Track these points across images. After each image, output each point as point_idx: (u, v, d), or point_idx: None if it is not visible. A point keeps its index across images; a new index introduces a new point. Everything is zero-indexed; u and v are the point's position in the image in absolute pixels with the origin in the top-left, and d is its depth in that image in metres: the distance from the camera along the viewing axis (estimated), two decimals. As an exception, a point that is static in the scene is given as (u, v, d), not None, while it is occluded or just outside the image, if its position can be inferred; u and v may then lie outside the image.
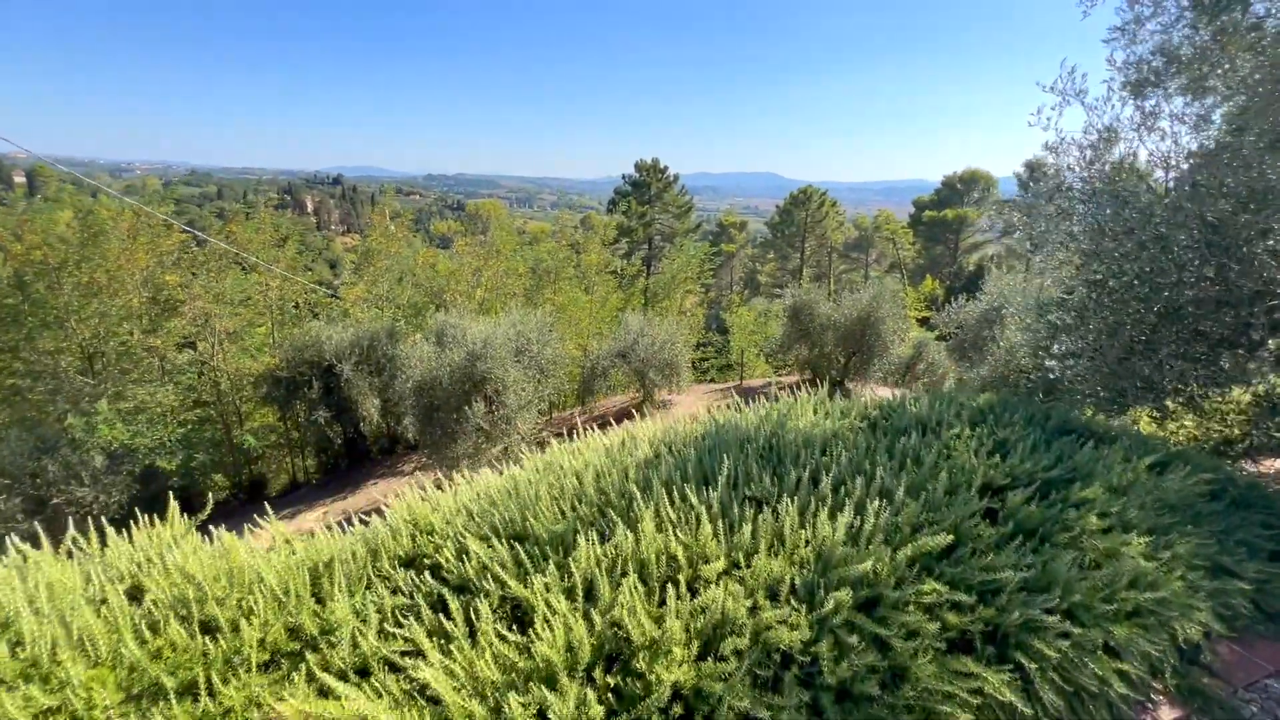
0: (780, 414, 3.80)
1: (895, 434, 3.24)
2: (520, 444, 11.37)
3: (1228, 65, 2.91)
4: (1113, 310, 3.52)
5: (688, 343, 17.23)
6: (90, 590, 2.52)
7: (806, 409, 3.94)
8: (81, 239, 13.55)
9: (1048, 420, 3.47)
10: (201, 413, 14.88)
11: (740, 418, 3.94)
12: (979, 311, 12.89)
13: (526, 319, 12.60)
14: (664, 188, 33.06)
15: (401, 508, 3.22)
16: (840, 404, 4.11)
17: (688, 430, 3.89)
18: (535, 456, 3.93)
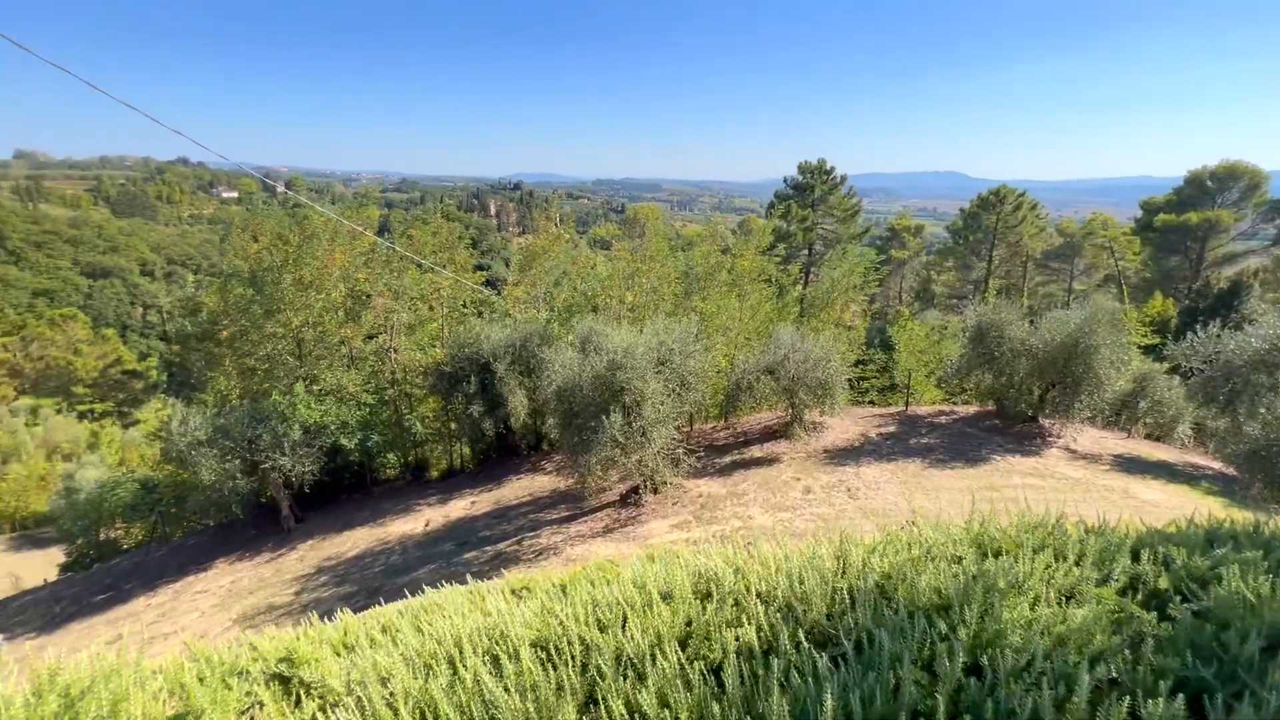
0: (986, 579, 2.12)
1: (1216, 660, 1.72)
2: (656, 457, 10.93)
3: None
4: None
5: (845, 360, 15.63)
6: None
7: (1033, 570, 2.18)
8: (299, 240, 15.66)
9: None
10: (378, 398, 16.49)
11: (914, 579, 2.21)
12: (1250, 350, 9.88)
13: (670, 329, 12.11)
14: (829, 189, 30.90)
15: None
16: (1085, 543, 2.40)
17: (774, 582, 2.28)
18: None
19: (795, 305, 20.72)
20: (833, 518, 9.80)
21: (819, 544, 2.55)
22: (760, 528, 9.70)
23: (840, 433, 14.45)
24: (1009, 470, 11.64)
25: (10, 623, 14.16)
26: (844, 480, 11.45)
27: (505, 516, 12.64)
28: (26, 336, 54.17)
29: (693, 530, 10.05)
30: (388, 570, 11.07)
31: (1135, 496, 10.30)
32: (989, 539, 2.40)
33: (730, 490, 11.65)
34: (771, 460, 13.05)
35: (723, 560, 2.59)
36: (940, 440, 13.60)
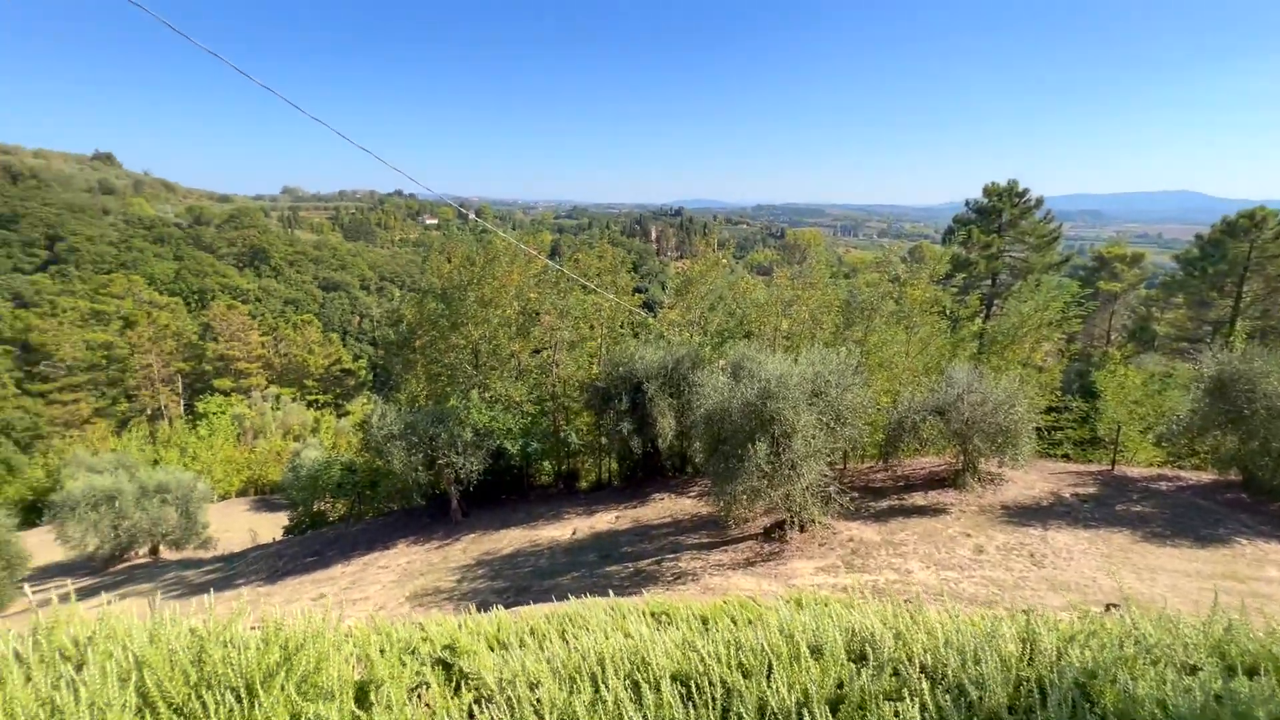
0: (1236, 703, 1.62)
1: None
2: (805, 493, 10.42)
3: None
4: None
5: (1034, 405, 13.72)
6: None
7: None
8: (485, 261, 17.52)
9: None
10: (539, 408, 17.72)
11: (1126, 685, 1.68)
12: None
13: (827, 359, 11.55)
14: (1020, 213, 27.62)
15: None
16: None
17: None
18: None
19: (973, 341, 18.71)
20: (1010, 585, 8.59)
21: (999, 619, 2.17)
22: (921, 585, 8.79)
23: (1023, 488, 12.69)
24: (1261, 560, 9.36)
25: (248, 570, 17.27)
26: (1026, 543, 10.01)
27: (647, 535, 12.82)
28: (277, 336, 66.76)
29: (841, 576, 9.39)
30: (536, 572, 11.74)
31: None
32: (1239, 650, 1.87)
33: (886, 538, 10.73)
34: (936, 510, 11.82)
35: (880, 620, 2.33)
36: (1159, 510, 11.36)
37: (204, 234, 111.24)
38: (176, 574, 18.12)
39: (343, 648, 2.33)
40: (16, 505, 27.53)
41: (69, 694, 1.84)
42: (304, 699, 1.93)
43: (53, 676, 1.99)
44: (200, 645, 2.07)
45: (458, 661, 2.43)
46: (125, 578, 19.03)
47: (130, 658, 2.03)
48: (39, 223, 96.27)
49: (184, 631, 2.19)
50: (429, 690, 2.30)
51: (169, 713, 1.86)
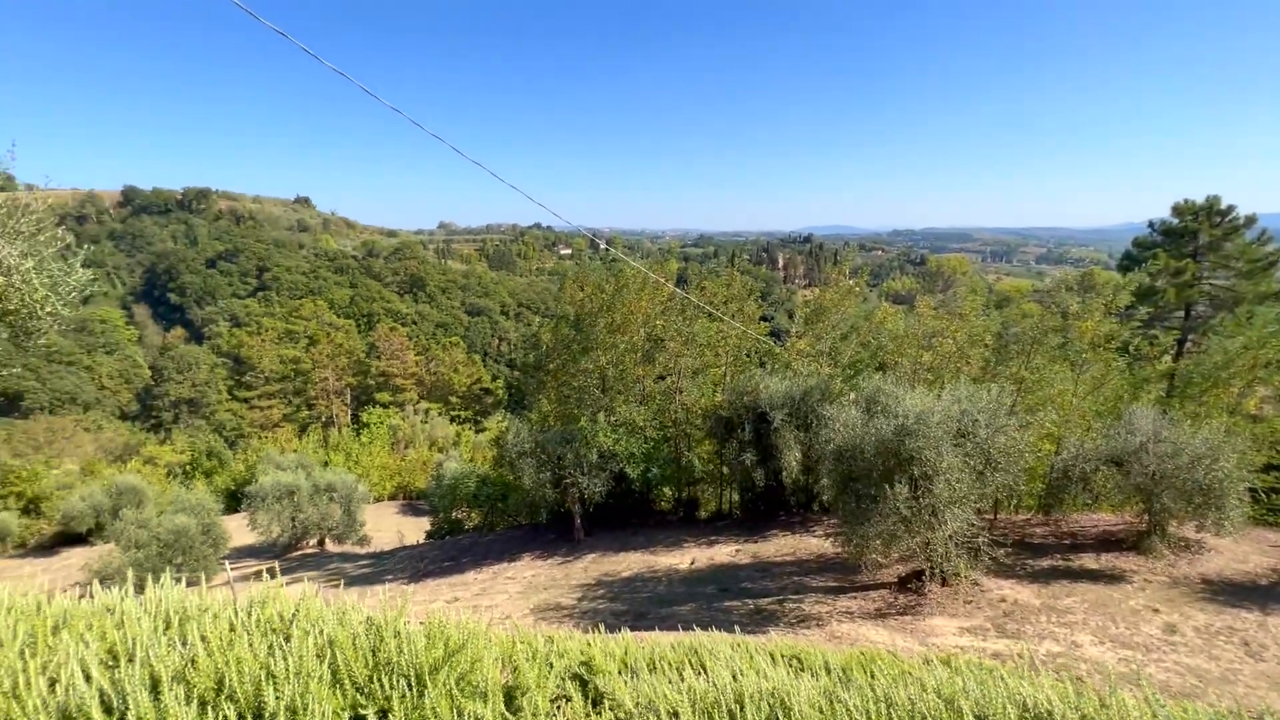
0: None
1: None
2: (948, 543, 9.52)
3: None
4: None
5: (1246, 461, 11.50)
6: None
7: None
8: (614, 289, 18.23)
9: None
10: (662, 434, 17.89)
11: None
12: None
13: (976, 396, 10.57)
14: (1224, 235, 23.63)
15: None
16: None
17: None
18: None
19: (1160, 382, 16.19)
20: (1215, 678, 7.20)
21: (1223, 717, 1.78)
22: (1092, 662, 7.63)
23: (1234, 559, 10.65)
24: None
25: (395, 566, 19.02)
26: (1238, 628, 8.36)
27: (768, 572, 12.38)
28: (429, 356, 74.01)
29: (990, 640, 8.42)
30: (654, 598, 11.75)
31: None
32: None
33: (1047, 602, 9.48)
34: (1113, 577, 10.26)
35: (1059, 698, 2.03)
36: None
37: (374, 264, 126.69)
38: (337, 565, 20.42)
39: (492, 650, 2.51)
40: (223, 493, 32.66)
41: (281, 661, 2.18)
42: (463, 695, 2.12)
43: (267, 644, 2.36)
44: (378, 634, 2.35)
45: (593, 679, 2.51)
46: (298, 564, 21.76)
47: (324, 637, 2.36)
48: (253, 256, 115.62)
49: (363, 619, 2.50)
50: (569, 704, 2.40)
51: (353, 690, 2.13)
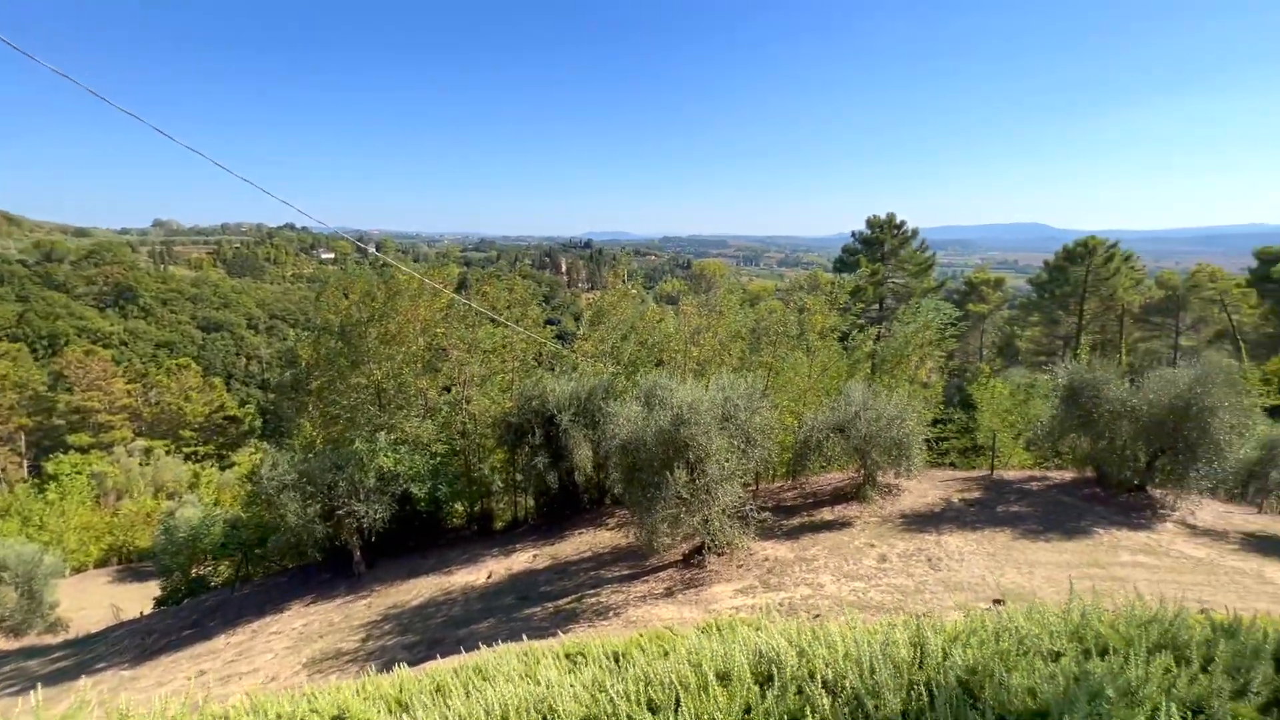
0: (1091, 683, 1.78)
1: None
2: (722, 516, 10.61)
3: None
4: None
5: (922, 419, 14.84)
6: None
7: (1150, 676, 1.86)
8: (386, 296, 16.77)
9: None
10: (450, 447, 16.99)
11: (1003, 678, 1.84)
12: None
13: (735, 384, 11.97)
14: (899, 244, 30.27)
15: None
16: (1211, 643, 1.94)
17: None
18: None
19: (866, 362, 20.06)
20: (912, 590, 9.11)
21: (894, 627, 2.28)
22: (831, 597, 9.13)
23: (918, 496, 13.59)
24: (1115, 546, 10.53)
25: (109, 652, 15.09)
26: (924, 549, 10.69)
27: (566, 572, 12.51)
28: (148, 384, 60.12)
29: (758, 596, 9.58)
30: (449, 622, 11.11)
31: (1273, 582, 9.02)
32: (1093, 633, 2.10)
33: (799, 555, 11.09)
34: (843, 524, 12.39)
35: (785, 639, 2.38)
36: (1032, 508, 12.53)
37: (55, 271, 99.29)
38: (16, 665, 15.53)
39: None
40: None
41: None
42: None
43: None
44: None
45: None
46: (-55, 677, 16.07)
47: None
48: None
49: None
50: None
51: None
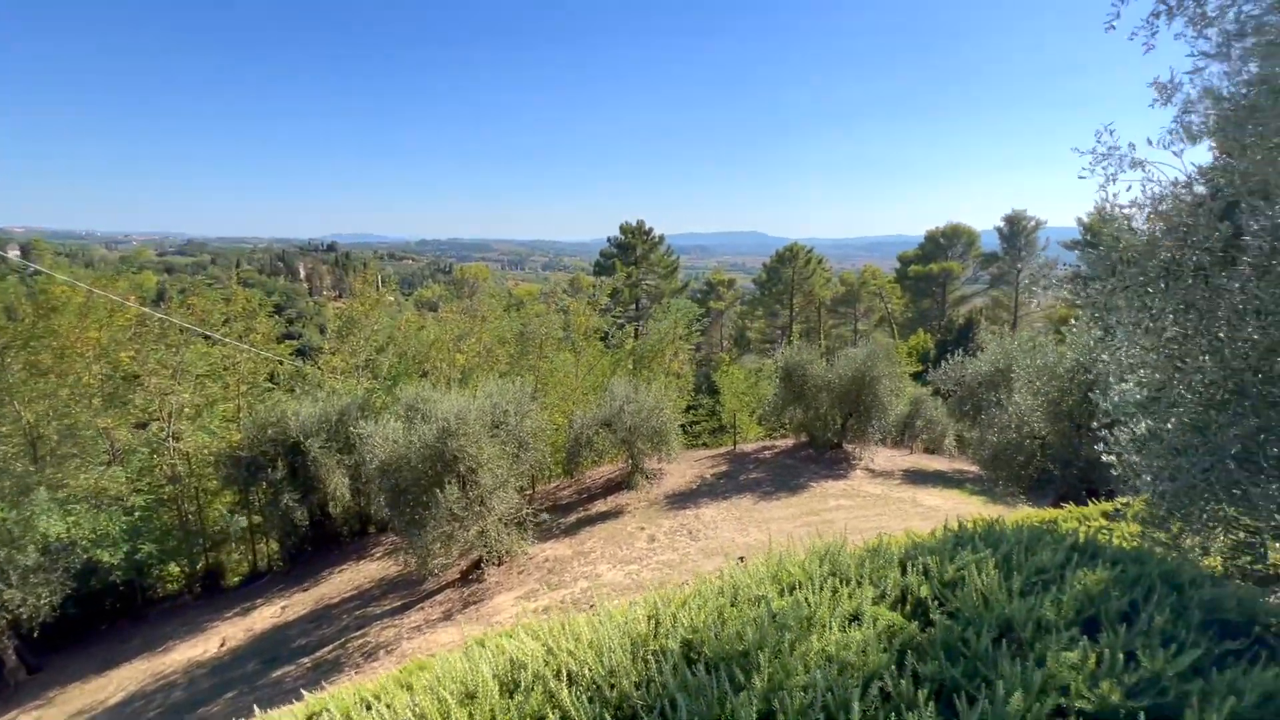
0: (782, 618, 2.24)
1: (961, 658, 1.99)
2: (498, 525, 10.42)
3: None
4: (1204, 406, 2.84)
5: (677, 407, 16.46)
6: None
7: (822, 600, 2.37)
8: (37, 315, 12.84)
9: (1179, 595, 2.30)
10: (152, 497, 13.77)
11: (718, 630, 2.22)
12: (982, 371, 12.27)
13: (504, 389, 11.86)
14: (649, 249, 33.09)
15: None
16: (864, 563, 2.74)
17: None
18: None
19: (628, 358, 21.51)
20: (677, 563, 10.05)
21: (635, 604, 2.52)
22: (609, 585, 9.62)
23: (679, 477, 15.03)
24: (824, 494, 12.94)
25: None
26: (685, 524, 11.86)
27: (326, 618, 11.09)
28: None
29: (541, 598, 9.65)
30: (168, 710, 9.05)
31: (921, 503, 12.00)
32: (786, 574, 2.61)
33: (577, 550, 11.45)
34: (617, 513, 13.13)
35: (534, 641, 2.45)
36: (766, 474, 14.75)
37: None
38: None
39: None
40: None
41: None
42: None
43: None
44: None
45: None
46: None
47: None
48: None
49: None
50: None
51: None
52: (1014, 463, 9.49)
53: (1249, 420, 2.76)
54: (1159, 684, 1.82)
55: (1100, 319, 3.36)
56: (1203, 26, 2.85)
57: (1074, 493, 8.18)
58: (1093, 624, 2.16)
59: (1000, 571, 2.43)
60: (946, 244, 45.15)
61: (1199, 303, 2.97)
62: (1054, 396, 8.96)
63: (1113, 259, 3.16)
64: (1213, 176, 3.06)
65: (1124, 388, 3.37)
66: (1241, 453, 2.74)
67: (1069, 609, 2.18)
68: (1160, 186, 3.04)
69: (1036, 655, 1.90)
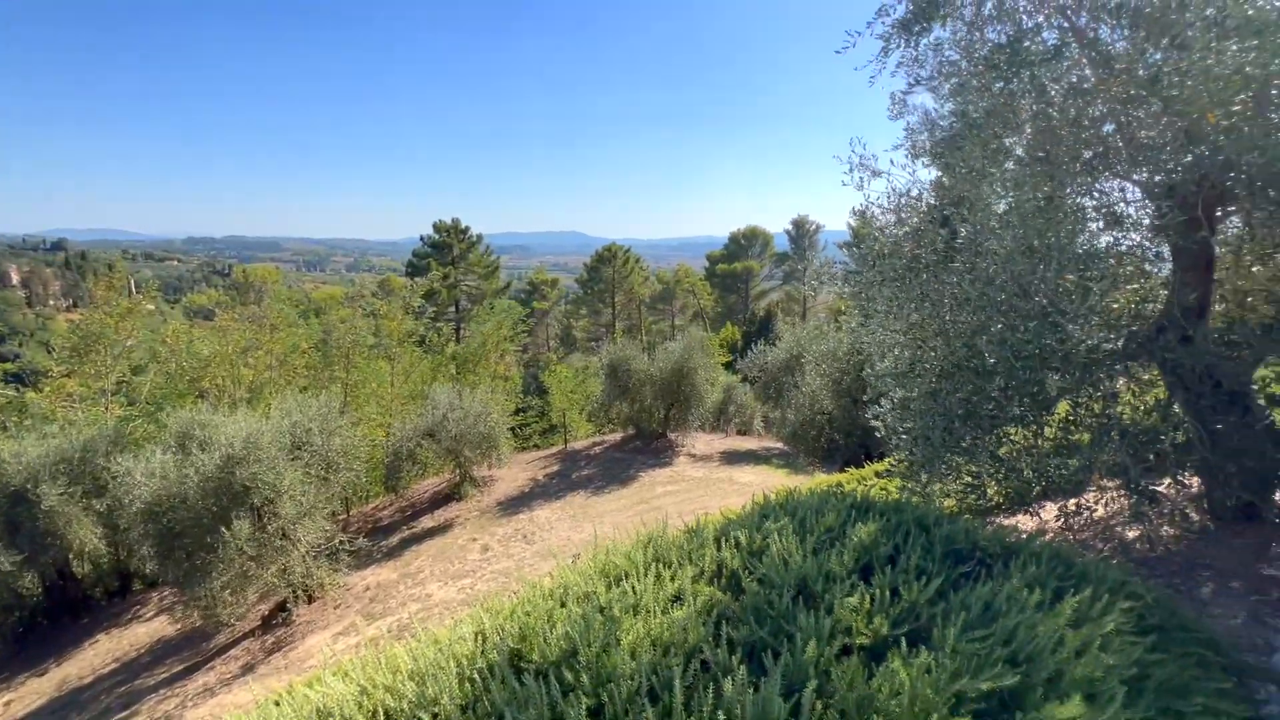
0: (609, 611, 2.31)
1: (768, 619, 2.20)
2: (305, 560, 9.29)
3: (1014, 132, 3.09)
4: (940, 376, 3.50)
5: (505, 410, 16.08)
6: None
7: (646, 586, 2.50)
8: None
9: (927, 534, 2.78)
10: None
11: (547, 634, 2.22)
12: (780, 359, 13.79)
13: (306, 405, 10.60)
14: (467, 248, 31.84)
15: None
16: (684, 544, 2.93)
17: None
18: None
19: (450, 363, 20.50)
20: (513, 570, 9.84)
21: (461, 622, 2.39)
22: (442, 604, 9.10)
23: (511, 482, 14.72)
24: (653, 483, 13.58)
25: None
26: (520, 529, 11.65)
27: (76, 704, 8.99)
28: None
29: (364, 631, 8.82)
30: None
31: (737, 481, 13.15)
32: (613, 566, 2.71)
33: (403, 572, 10.66)
34: (446, 526, 12.46)
35: (345, 682, 2.21)
36: (598, 469, 15.06)
37: None
38: None
39: None
40: None
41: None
42: None
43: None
44: None
45: None
46: None
47: None
48: None
49: None
50: None
51: None
52: (809, 437, 10.84)
53: (967, 387, 3.48)
54: (915, 611, 2.24)
55: (863, 308, 4.02)
56: (915, 67, 3.50)
57: (855, 458, 9.60)
58: (868, 570, 2.57)
59: (797, 536, 2.77)
60: (747, 244, 49.89)
61: (931, 294, 3.67)
62: (836, 376, 10.39)
63: (870, 257, 3.75)
64: (935, 190, 3.80)
65: (882, 365, 4.04)
66: (964, 413, 3.46)
67: (850, 560, 2.57)
68: (898, 196, 3.69)
69: (826, 605, 2.21)
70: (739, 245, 50.00)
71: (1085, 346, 3.61)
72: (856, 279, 3.88)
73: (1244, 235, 3.78)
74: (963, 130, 3.22)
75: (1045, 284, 3.33)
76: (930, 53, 3.79)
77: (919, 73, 3.54)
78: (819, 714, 1.72)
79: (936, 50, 3.79)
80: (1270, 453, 3.43)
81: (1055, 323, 3.35)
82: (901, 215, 3.75)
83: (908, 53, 3.76)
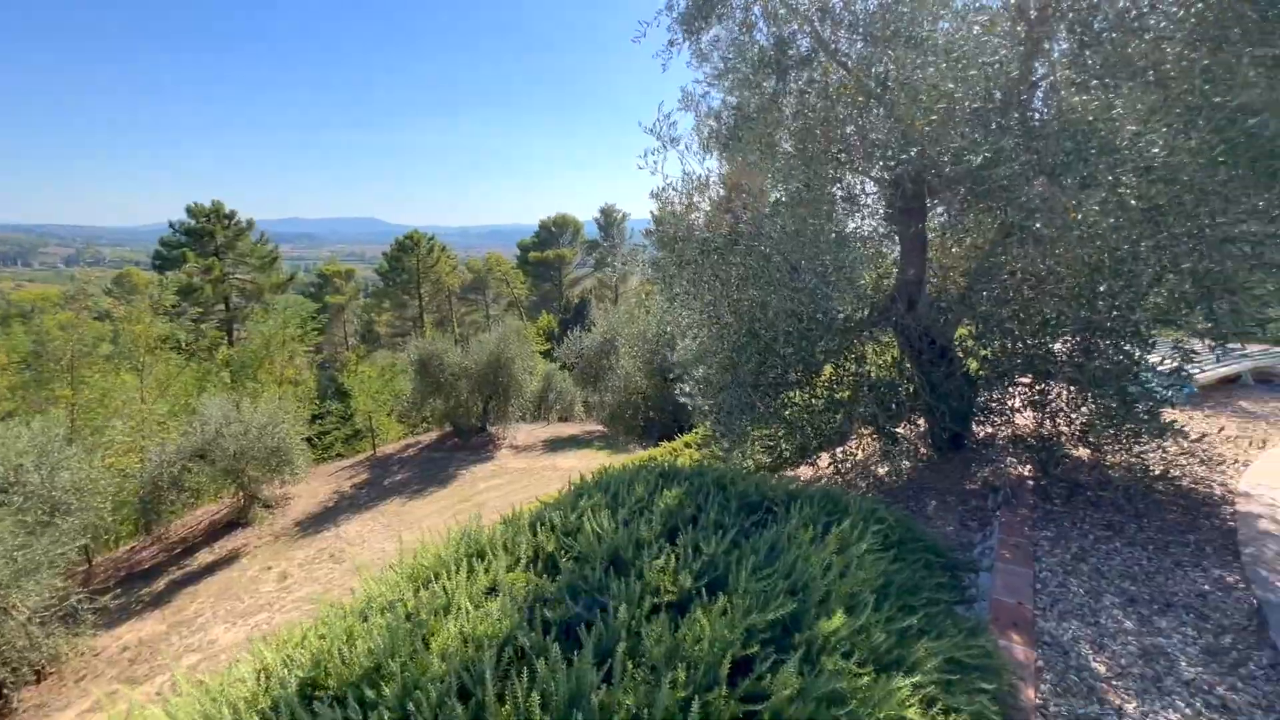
0: (416, 617, 2.20)
1: (582, 593, 2.24)
2: (26, 629, 7.37)
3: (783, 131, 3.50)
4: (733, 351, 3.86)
5: (298, 418, 14.27)
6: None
7: (458, 583, 2.38)
8: None
9: (724, 493, 3.11)
10: None
11: (345, 655, 2.04)
12: (596, 343, 14.11)
13: (14, 434, 8.37)
14: (235, 236, 27.37)
15: None
16: (500, 535, 2.87)
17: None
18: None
19: (221, 369, 17.59)
20: (321, 595, 8.85)
21: (237, 663, 2.05)
22: (230, 647, 7.87)
23: (311, 498, 13.18)
24: (474, 479, 13.11)
25: None
26: (325, 548, 10.52)
27: None
28: None
29: (118, 704, 7.29)
30: None
31: (560, 467, 13.25)
32: (422, 568, 2.58)
33: (174, 620, 9.01)
34: (231, 558, 10.77)
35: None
36: (413, 472, 14.12)
37: None
38: None
39: None
40: None
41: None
42: None
43: None
44: None
45: None
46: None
47: None
48: None
49: None
50: None
51: None
52: (626, 416, 11.30)
53: (756, 358, 3.91)
54: (714, 562, 2.47)
55: (666, 290, 4.30)
56: (700, 61, 3.79)
57: (669, 432, 10.25)
58: (674, 532, 2.77)
59: (609, 510, 2.88)
60: (558, 232, 49.98)
61: (721, 274, 4.04)
62: (647, 357, 10.95)
63: (668, 240, 4.00)
64: (722, 179, 4.18)
65: (684, 344, 4.36)
66: (753, 383, 3.88)
67: (659, 525, 2.74)
68: (691, 181, 3.98)
69: (637, 570, 2.34)
70: (550, 233, 49.90)
71: (843, 316, 4.26)
72: (659, 263, 4.11)
73: (945, 223, 4.75)
74: (740, 124, 3.56)
75: (811, 264, 3.86)
76: (713, 48, 4.13)
77: (704, 68, 3.84)
78: (630, 673, 1.82)
79: (716, 46, 4.12)
80: (967, 393, 4.41)
81: (824, 295, 3.90)
82: (694, 200, 4.05)
83: (693, 47, 4.06)
